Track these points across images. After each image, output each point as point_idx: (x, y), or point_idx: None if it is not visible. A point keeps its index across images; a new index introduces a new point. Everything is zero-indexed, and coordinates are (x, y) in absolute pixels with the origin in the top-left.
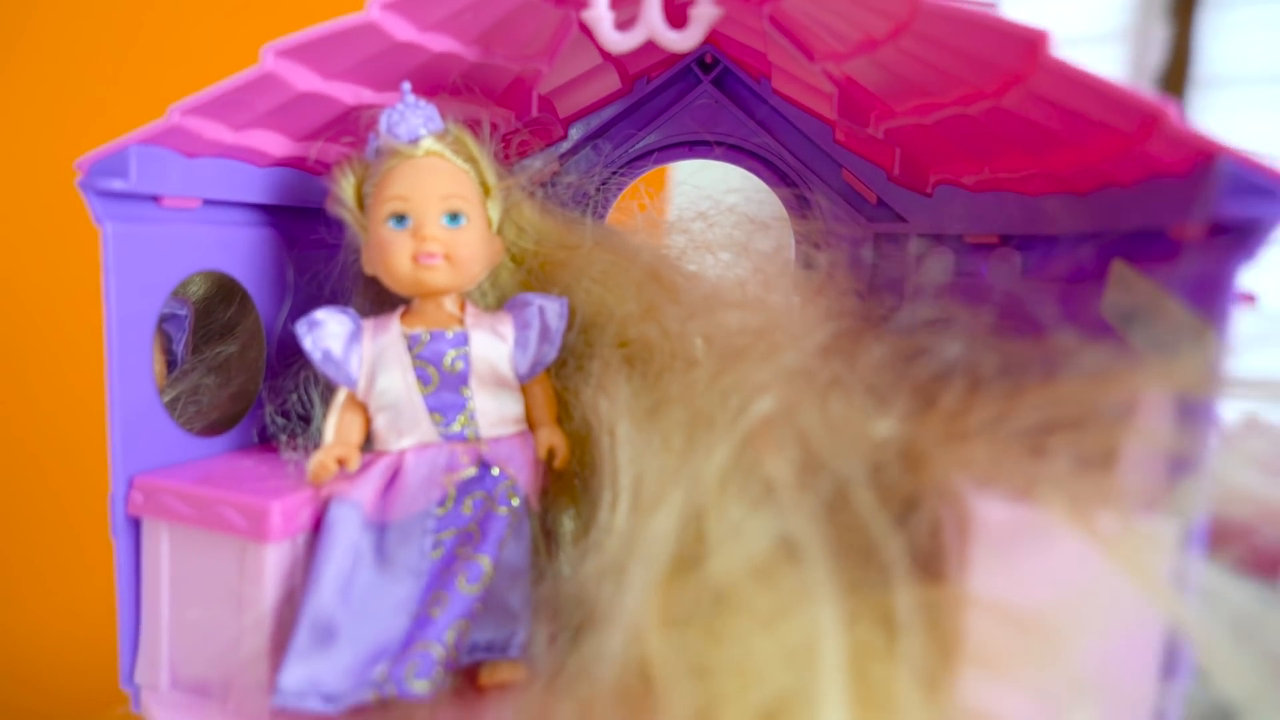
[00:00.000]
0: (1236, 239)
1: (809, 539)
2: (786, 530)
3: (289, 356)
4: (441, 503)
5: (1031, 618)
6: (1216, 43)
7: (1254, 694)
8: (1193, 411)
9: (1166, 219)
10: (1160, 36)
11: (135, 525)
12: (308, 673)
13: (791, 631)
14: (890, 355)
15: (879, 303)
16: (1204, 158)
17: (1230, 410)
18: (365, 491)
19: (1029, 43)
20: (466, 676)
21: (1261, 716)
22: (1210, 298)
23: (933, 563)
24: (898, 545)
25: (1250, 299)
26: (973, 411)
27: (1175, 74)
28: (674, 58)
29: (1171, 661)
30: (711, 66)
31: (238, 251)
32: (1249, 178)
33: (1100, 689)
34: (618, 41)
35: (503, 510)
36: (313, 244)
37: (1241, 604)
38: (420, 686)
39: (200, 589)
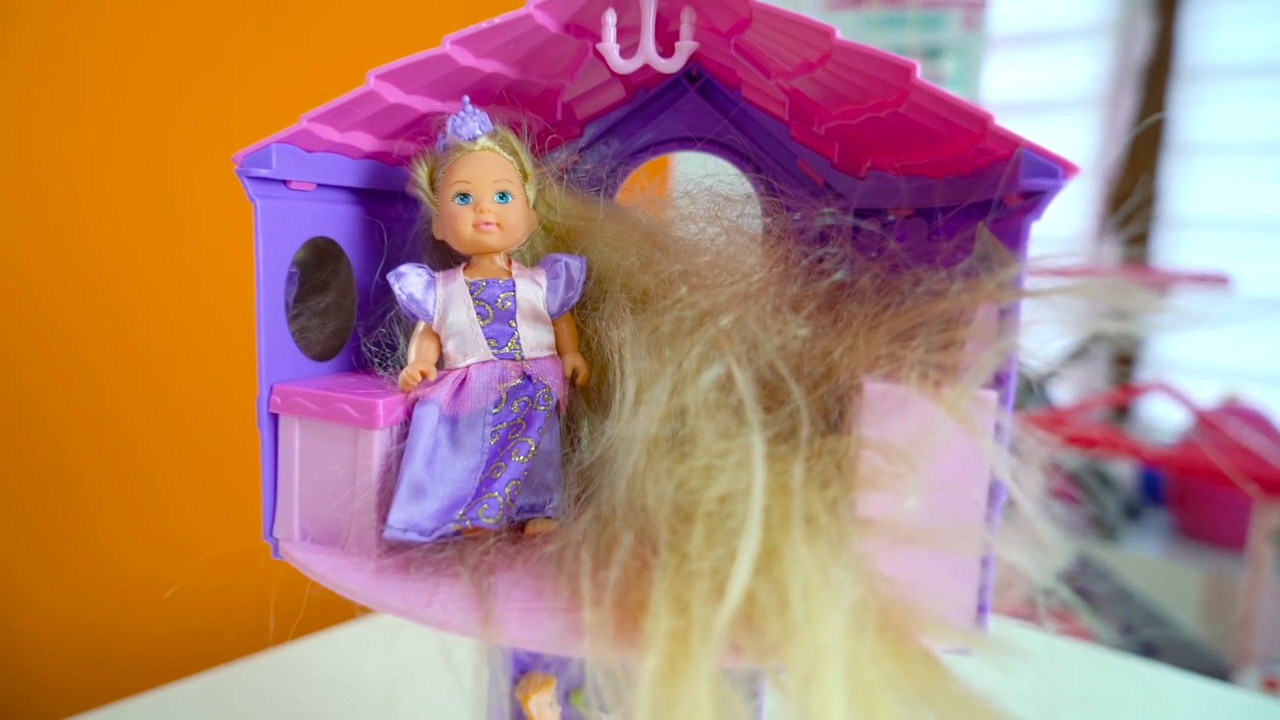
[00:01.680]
0: (1032, 202)
1: (750, 399)
2: (737, 394)
3: (379, 303)
4: (497, 404)
5: (900, 452)
6: (1200, 36)
7: (1035, 504)
8: (1006, 312)
9: (1003, 190)
10: (1145, 30)
11: (274, 420)
12: (407, 515)
13: (736, 452)
14: (810, 284)
15: (812, 254)
16: (1015, 147)
17: (1209, 391)
18: (441, 394)
19: (903, 70)
20: (518, 529)
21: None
22: (1016, 240)
23: (844, 424)
24: (805, 400)
25: (1223, 281)
26: (865, 322)
27: (1160, 67)
28: (666, 74)
29: (994, 484)
30: (697, 79)
31: (341, 223)
32: (1039, 160)
33: (946, 494)
34: (622, 66)
35: (541, 408)
36: (394, 220)
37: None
38: (489, 520)
39: (323, 465)
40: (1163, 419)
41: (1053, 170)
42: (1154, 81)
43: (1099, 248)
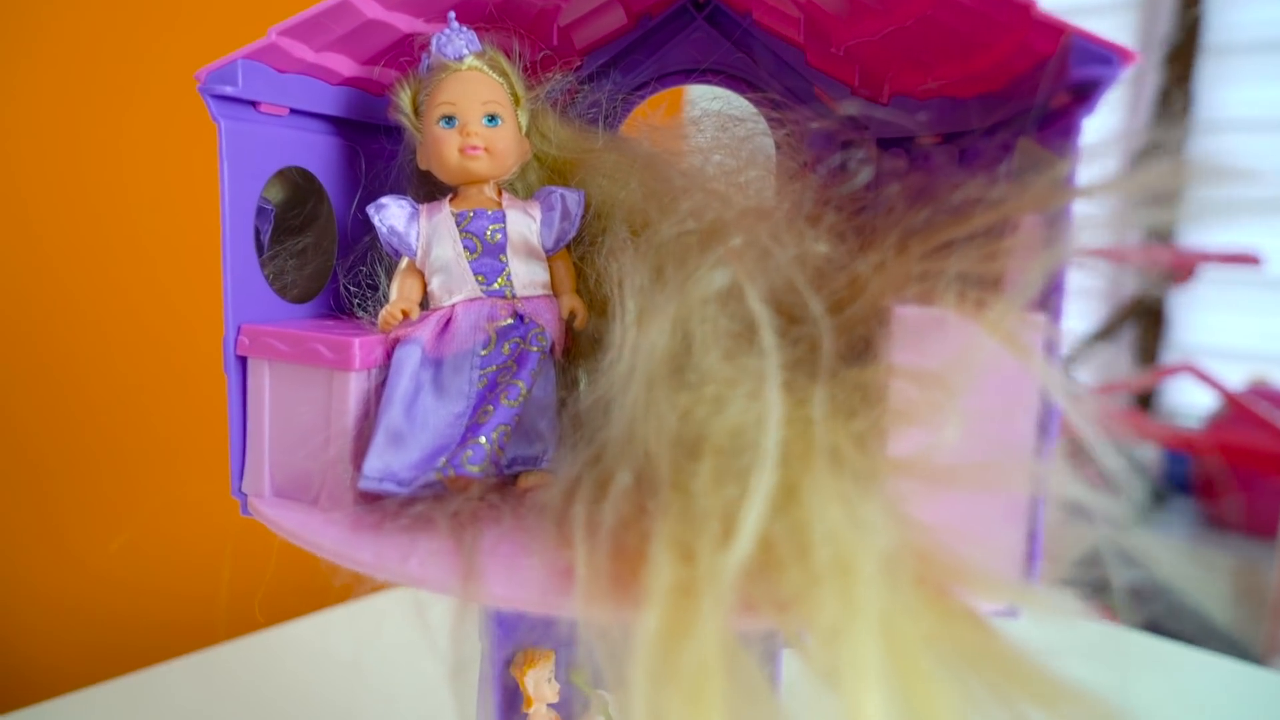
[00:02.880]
0: (1084, 95)
1: (764, 318)
2: (748, 316)
3: (358, 239)
4: (485, 345)
5: (937, 380)
6: (1225, 11)
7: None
8: (1054, 219)
9: (1051, 94)
10: (1168, 5)
11: (242, 364)
12: (384, 463)
13: (748, 380)
14: (829, 198)
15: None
16: (1063, 37)
17: (1237, 374)
18: (424, 334)
19: None
20: (508, 483)
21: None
22: (1066, 140)
23: (870, 353)
24: (827, 321)
25: (1253, 260)
26: (893, 238)
27: (1185, 43)
28: None
29: (1046, 412)
30: (704, 5)
31: (317, 153)
32: (1091, 48)
33: (991, 425)
34: None
35: (534, 349)
36: (374, 151)
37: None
38: (473, 468)
39: (295, 411)
40: (1189, 403)
41: (1106, 57)
42: (1179, 57)
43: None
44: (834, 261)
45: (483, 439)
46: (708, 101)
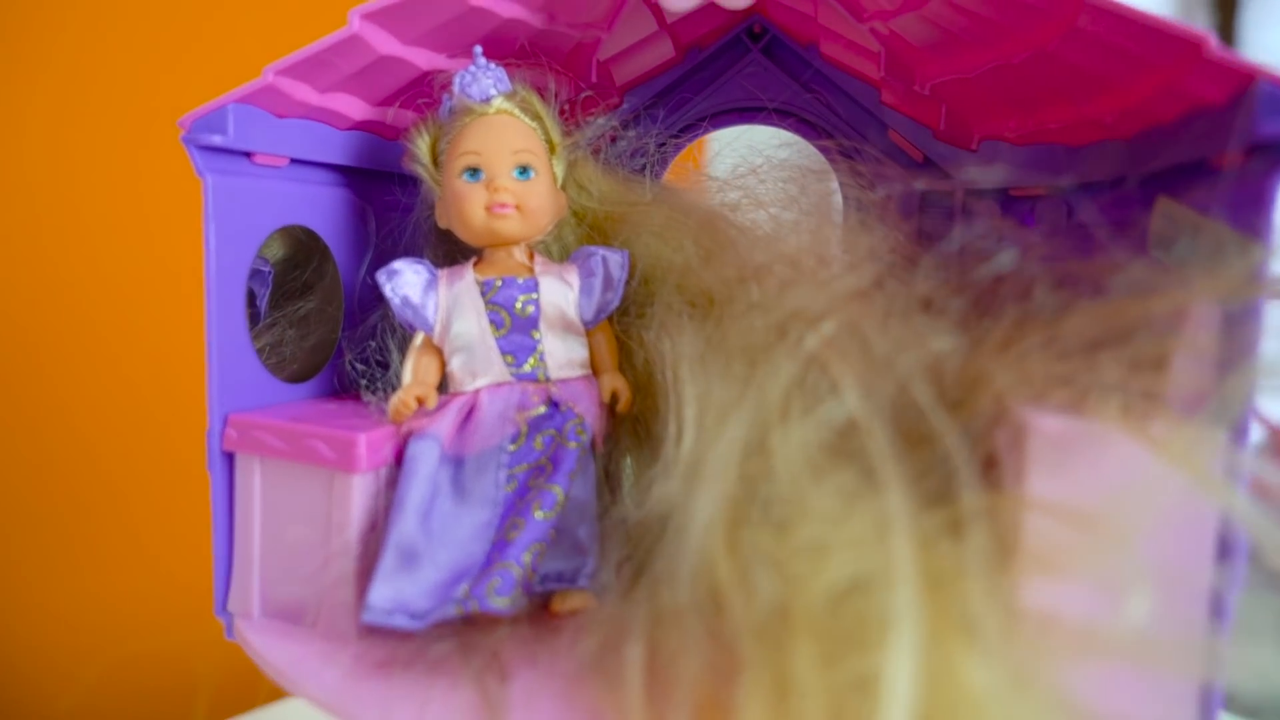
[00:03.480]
0: (1276, 156)
1: (874, 437)
2: (850, 433)
3: (367, 308)
4: (514, 439)
5: (1087, 517)
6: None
7: None
8: (1238, 317)
9: (1208, 150)
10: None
11: (229, 460)
12: (394, 591)
13: (859, 521)
14: (945, 277)
15: (939, 250)
16: (1243, 83)
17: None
18: (443, 427)
19: None
20: (540, 604)
21: None
22: (1251, 214)
23: (988, 475)
24: (960, 445)
25: None
26: (1026, 328)
27: None
28: (725, 27)
29: (1226, 548)
30: (760, 36)
31: (320, 208)
32: None
33: (1158, 579)
34: (676, 3)
35: (572, 445)
36: (387, 205)
37: None
38: (500, 602)
39: (290, 518)
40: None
41: None
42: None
43: None
44: (951, 356)
45: (512, 564)
46: (774, 149)
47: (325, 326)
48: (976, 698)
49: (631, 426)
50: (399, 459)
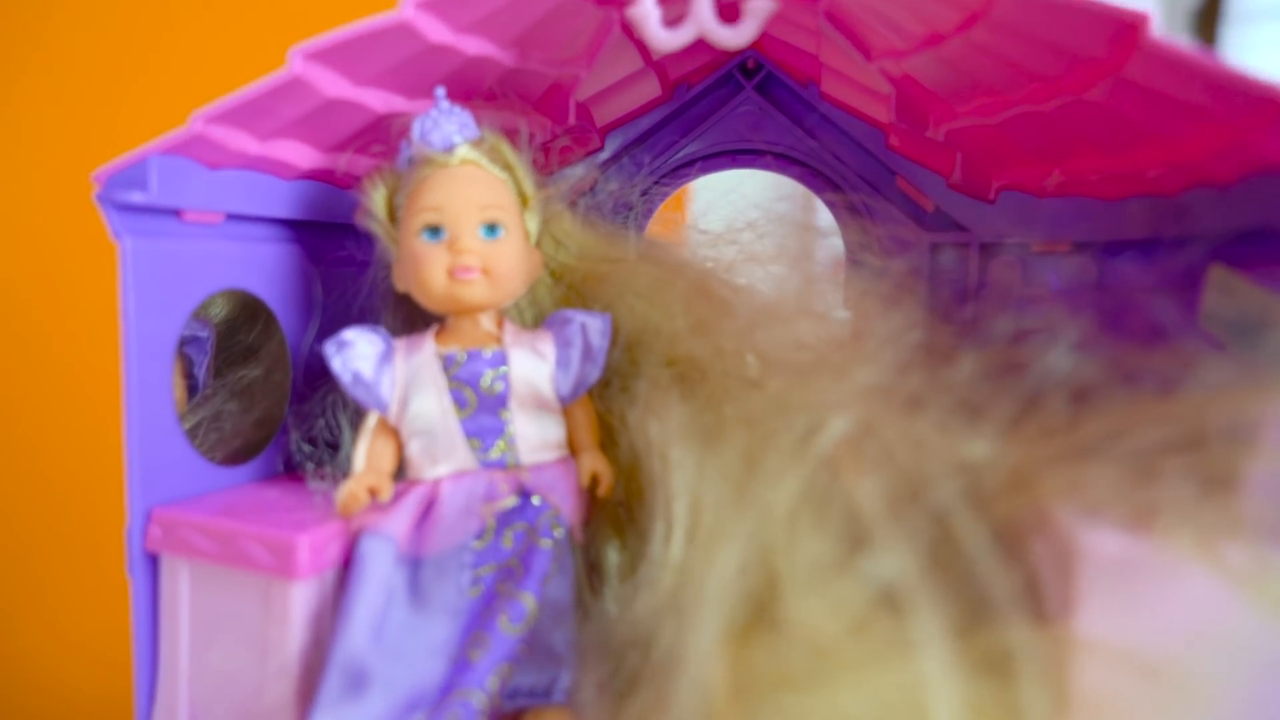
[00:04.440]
0: None
1: (904, 577)
2: (874, 568)
3: (316, 380)
4: (480, 535)
5: (1152, 662)
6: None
7: None
8: None
9: (1274, 216)
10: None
11: (153, 562)
12: None
13: (889, 685)
14: (981, 369)
15: (955, 314)
16: None
17: None
18: (398, 524)
19: (1127, 26)
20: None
21: None
22: None
23: (1030, 603)
24: (1006, 581)
25: None
26: (1078, 431)
27: (1209, 10)
28: (715, 63)
29: None
30: (754, 72)
31: (262, 269)
32: None
33: None
34: (665, 40)
35: (546, 543)
36: (340, 261)
37: None
38: None
39: (222, 631)
40: None
41: None
42: (1204, 26)
43: None
44: (988, 463)
45: (475, 691)
46: (773, 201)
47: (271, 398)
48: None
49: (614, 512)
50: (348, 561)
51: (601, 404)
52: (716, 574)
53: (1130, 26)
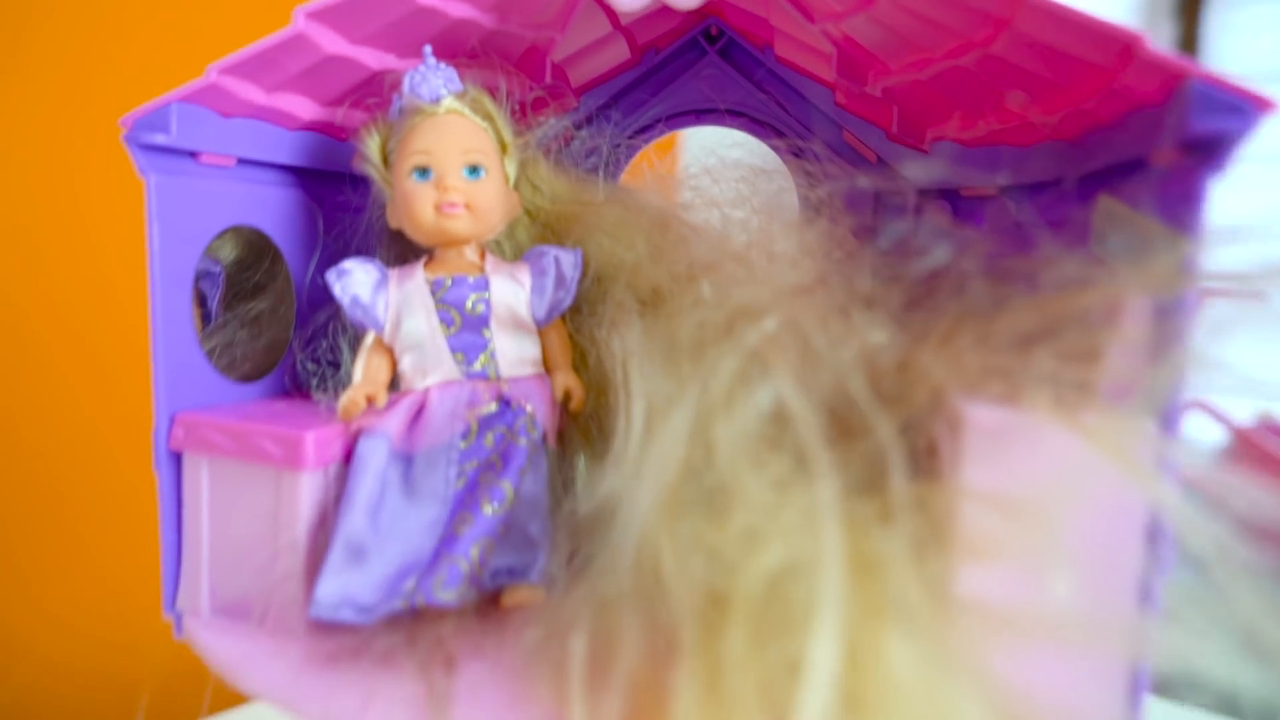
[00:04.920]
0: (1207, 154)
1: (807, 428)
2: (794, 438)
3: (318, 308)
4: (465, 435)
5: (1020, 506)
6: (1223, 42)
7: (1226, 559)
8: (1168, 310)
9: (1146, 148)
10: (1167, 35)
11: (176, 460)
12: (342, 586)
13: (792, 509)
14: (884, 273)
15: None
16: (1176, 81)
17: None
18: (393, 425)
19: None
20: (490, 599)
21: (1233, 580)
22: (1182, 209)
23: (927, 466)
24: (893, 435)
25: None
26: (963, 323)
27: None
28: (681, 30)
29: (1154, 537)
30: (717, 38)
31: (269, 209)
32: (1217, 95)
33: (1088, 564)
34: (628, 3)
35: (522, 442)
36: (338, 206)
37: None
38: (447, 595)
39: (238, 517)
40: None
41: (1237, 107)
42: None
43: None
44: (888, 349)
45: (460, 558)
46: (726, 149)
47: (277, 327)
48: (902, 679)
49: (585, 425)
50: (348, 457)
51: (574, 329)
52: (662, 446)
53: None
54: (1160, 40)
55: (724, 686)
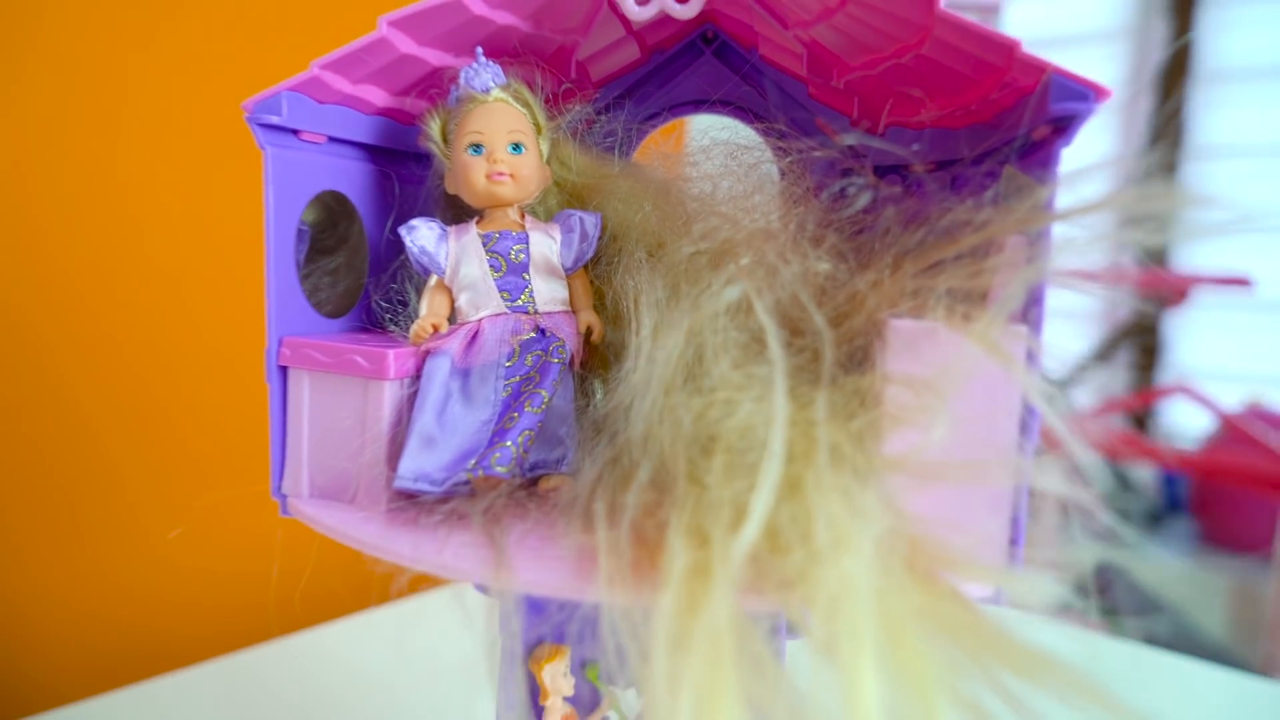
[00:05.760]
0: (1063, 127)
1: (770, 327)
2: (758, 331)
3: (389, 259)
4: (510, 357)
5: (927, 386)
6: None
7: (1069, 431)
8: (1035, 239)
9: (1030, 127)
10: (1161, 33)
11: (284, 374)
12: (418, 465)
13: (756, 386)
14: (832, 222)
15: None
16: (1043, 75)
17: (1232, 396)
18: (453, 346)
19: (924, 2)
20: (529, 485)
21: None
22: (1046, 168)
23: (863, 363)
24: (830, 335)
25: (1245, 284)
26: (889, 258)
27: (1177, 70)
28: (682, 34)
29: (1025, 406)
30: (712, 41)
31: (352, 178)
32: (1069, 85)
33: (978, 424)
34: (637, 14)
35: (555, 361)
36: (405, 177)
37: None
38: (501, 469)
39: (333, 417)
40: (1185, 424)
41: (1083, 93)
42: (1172, 84)
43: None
44: (835, 279)
45: (509, 443)
46: (716, 131)
47: (353, 276)
48: (826, 487)
49: (602, 355)
50: (419, 372)
51: (595, 276)
52: (665, 351)
53: (927, 2)
54: (1155, 37)
55: (707, 501)
